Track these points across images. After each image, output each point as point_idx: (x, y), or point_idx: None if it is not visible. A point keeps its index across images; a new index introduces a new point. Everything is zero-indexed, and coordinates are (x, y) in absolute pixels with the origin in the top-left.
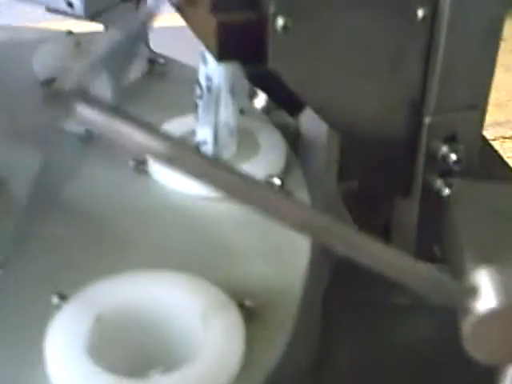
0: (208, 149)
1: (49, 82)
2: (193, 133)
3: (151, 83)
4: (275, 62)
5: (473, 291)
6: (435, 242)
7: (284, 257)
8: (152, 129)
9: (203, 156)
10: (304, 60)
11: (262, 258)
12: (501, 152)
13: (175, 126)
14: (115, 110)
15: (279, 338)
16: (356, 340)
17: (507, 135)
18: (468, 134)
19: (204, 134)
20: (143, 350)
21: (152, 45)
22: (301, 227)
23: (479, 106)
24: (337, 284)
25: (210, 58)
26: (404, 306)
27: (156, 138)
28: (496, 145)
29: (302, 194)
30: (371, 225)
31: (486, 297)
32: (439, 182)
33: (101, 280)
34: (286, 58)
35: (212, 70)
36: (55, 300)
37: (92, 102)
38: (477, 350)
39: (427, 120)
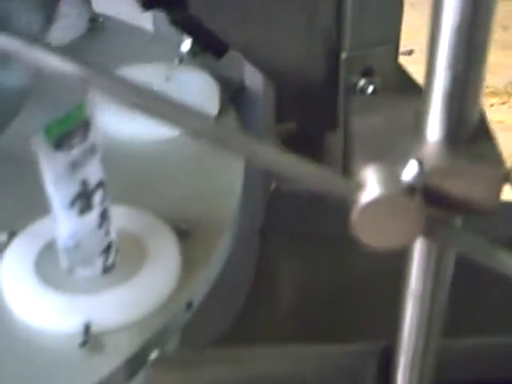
0: None
1: None
2: None
3: (93, 39)
4: (197, 8)
5: (360, 186)
6: None
7: (218, 183)
8: (67, 55)
9: (117, 78)
10: (223, 4)
11: (197, 185)
12: None
13: None
14: (34, 39)
15: (213, 255)
16: (293, 269)
17: None
18: (383, 66)
19: None
20: None
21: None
22: (205, 138)
23: (392, 40)
24: (273, 217)
25: None
26: (337, 236)
27: (72, 63)
28: None
29: None
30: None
31: (370, 189)
32: None
33: (44, 215)
34: (206, 3)
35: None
36: (4, 237)
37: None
38: (365, 236)
39: (344, 56)
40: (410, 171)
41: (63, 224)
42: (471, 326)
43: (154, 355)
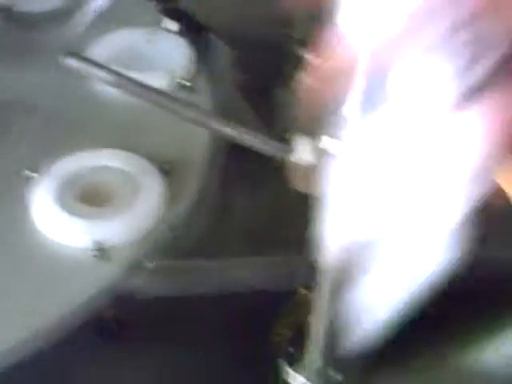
0: None
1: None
2: None
3: None
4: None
5: (292, 151)
6: None
7: (191, 131)
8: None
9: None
10: None
11: (174, 133)
12: None
13: None
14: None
15: (189, 189)
16: (247, 199)
17: None
18: None
19: None
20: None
21: None
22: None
23: None
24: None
25: None
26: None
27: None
28: None
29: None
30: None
31: (301, 155)
32: None
33: (61, 158)
34: None
35: None
36: (27, 173)
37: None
38: (295, 183)
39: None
40: None
41: None
42: None
43: (149, 265)
